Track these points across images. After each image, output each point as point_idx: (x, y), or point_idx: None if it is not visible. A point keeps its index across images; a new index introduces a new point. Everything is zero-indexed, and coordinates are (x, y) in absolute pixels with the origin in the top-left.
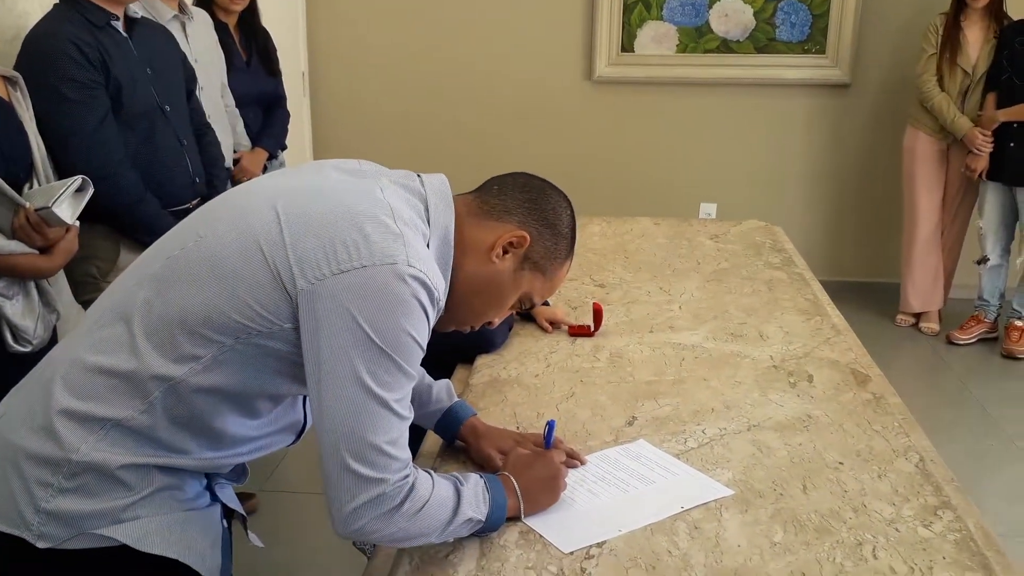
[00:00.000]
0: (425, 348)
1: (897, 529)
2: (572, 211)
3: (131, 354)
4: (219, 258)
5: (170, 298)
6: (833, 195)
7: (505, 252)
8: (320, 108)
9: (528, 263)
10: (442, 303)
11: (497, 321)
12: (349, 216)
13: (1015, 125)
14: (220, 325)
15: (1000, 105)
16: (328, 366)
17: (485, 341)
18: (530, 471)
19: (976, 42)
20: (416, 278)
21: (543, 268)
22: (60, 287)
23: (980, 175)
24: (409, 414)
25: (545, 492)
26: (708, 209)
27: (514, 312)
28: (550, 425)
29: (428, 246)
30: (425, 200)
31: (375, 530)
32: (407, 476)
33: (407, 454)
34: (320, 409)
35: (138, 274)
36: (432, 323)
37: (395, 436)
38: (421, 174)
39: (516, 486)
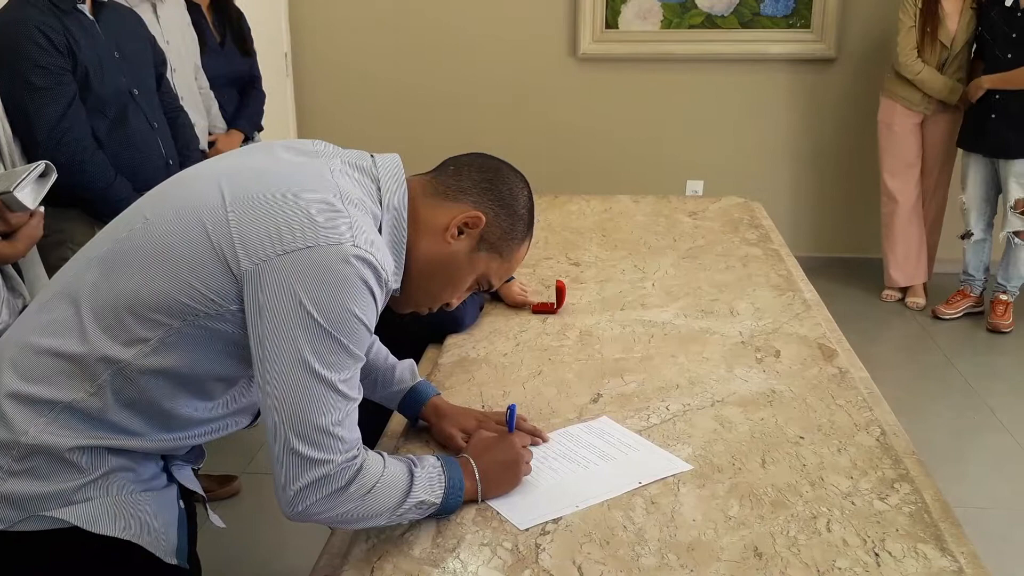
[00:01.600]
0: (373, 330)
1: (853, 502)
2: (529, 192)
3: (79, 337)
4: (164, 240)
5: (117, 281)
6: (819, 170)
7: (460, 232)
8: (303, 89)
9: (484, 244)
10: (391, 284)
11: (455, 303)
12: (295, 196)
13: (997, 96)
14: (167, 307)
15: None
16: (272, 347)
17: (454, 321)
18: (490, 454)
19: (954, 14)
20: (362, 259)
21: (499, 249)
22: (37, 273)
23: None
24: (357, 395)
25: (504, 476)
26: (695, 187)
27: (486, 293)
28: (511, 409)
29: (380, 227)
30: (377, 180)
31: (320, 511)
32: (354, 457)
33: (355, 435)
34: (265, 390)
35: (87, 256)
36: (381, 305)
37: (341, 417)
38: (375, 154)
39: (475, 469)
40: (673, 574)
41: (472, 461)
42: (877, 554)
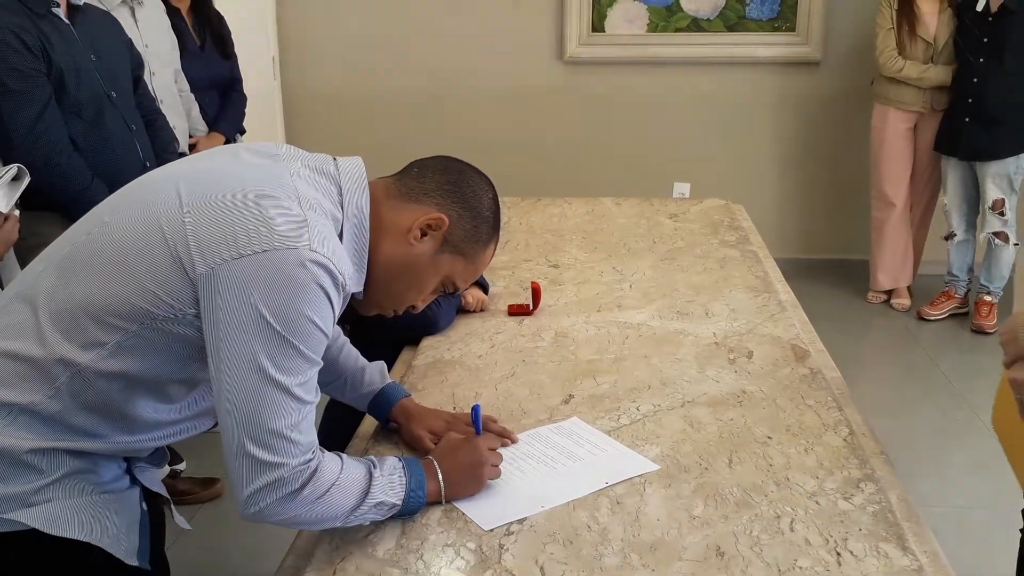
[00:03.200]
0: (330, 334)
1: (817, 502)
2: (494, 194)
3: (37, 340)
4: (122, 244)
5: (74, 285)
6: (805, 172)
7: (423, 234)
8: (291, 93)
9: (448, 246)
10: (349, 288)
11: (420, 305)
12: (251, 200)
13: (969, 100)
14: (123, 311)
15: (959, 80)
16: (227, 351)
17: (428, 323)
18: (454, 456)
19: (932, 12)
20: (317, 263)
21: (463, 251)
22: (15, 276)
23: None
24: (312, 398)
25: (468, 478)
26: (682, 189)
27: (459, 295)
28: (475, 410)
29: (341, 230)
30: (339, 184)
31: (275, 514)
32: (309, 460)
33: (310, 438)
34: (220, 394)
35: (46, 260)
36: (338, 309)
37: (296, 420)
38: (337, 158)
39: (438, 470)
40: (635, 574)
41: (436, 462)
42: (839, 553)
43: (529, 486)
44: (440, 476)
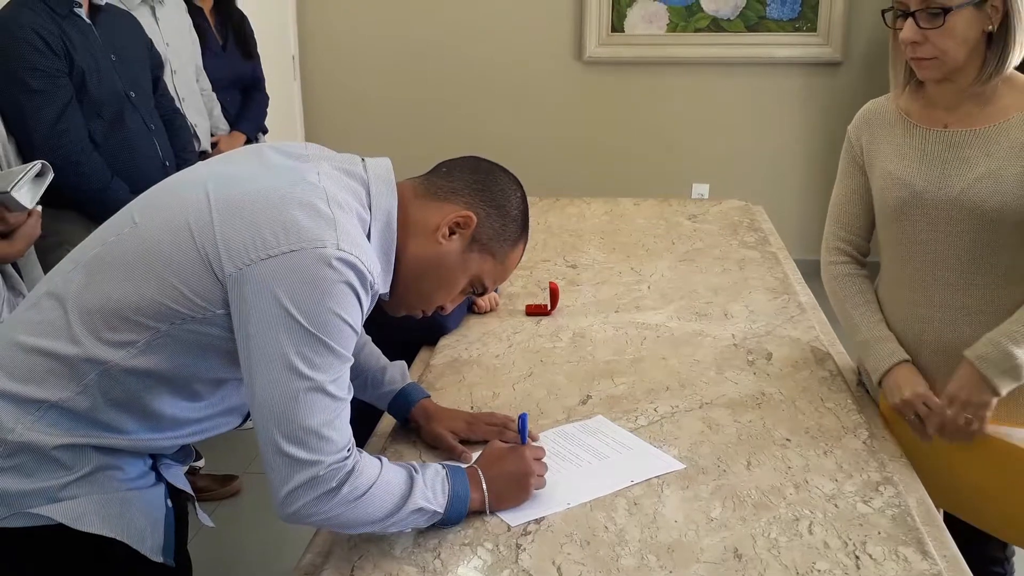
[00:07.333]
0: (359, 331)
1: (836, 505)
2: (523, 194)
3: (66, 337)
4: (151, 245)
5: (104, 284)
6: (826, 174)
7: (452, 233)
8: (311, 92)
9: (476, 244)
10: (378, 287)
11: (450, 307)
12: (279, 200)
13: None
14: (153, 311)
15: None
16: (258, 351)
17: (437, 326)
18: (499, 465)
19: None
20: (345, 261)
21: (492, 250)
22: (36, 274)
23: None
24: (345, 395)
25: (514, 488)
26: (700, 190)
27: (473, 297)
28: (522, 419)
29: (370, 231)
30: (367, 185)
31: (311, 514)
32: (344, 458)
33: (345, 436)
34: (253, 394)
35: (76, 259)
36: (367, 308)
37: (330, 417)
38: (365, 158)
39: (483, 479)
40: (652, 575)
41: (480, 471)
42: (858, 556)
43: (555, 484)
44: (484, 485)
